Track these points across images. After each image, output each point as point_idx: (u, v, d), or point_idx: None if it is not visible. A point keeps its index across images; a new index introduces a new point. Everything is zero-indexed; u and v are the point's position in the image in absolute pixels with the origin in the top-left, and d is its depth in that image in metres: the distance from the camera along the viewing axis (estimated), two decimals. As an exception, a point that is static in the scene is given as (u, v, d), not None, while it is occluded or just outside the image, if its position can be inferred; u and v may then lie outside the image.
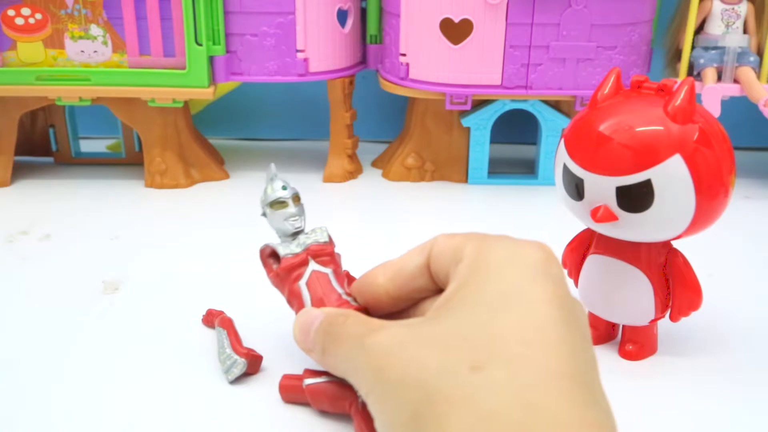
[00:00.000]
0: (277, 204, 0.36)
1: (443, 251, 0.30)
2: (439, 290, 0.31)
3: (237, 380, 0.37)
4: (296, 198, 0.37)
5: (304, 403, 0.34)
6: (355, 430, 0.32)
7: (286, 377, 0.35)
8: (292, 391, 0.35)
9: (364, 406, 0.32)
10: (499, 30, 0.60)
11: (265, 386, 0.36)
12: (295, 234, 0.37)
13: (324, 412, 0.34)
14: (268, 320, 0.41)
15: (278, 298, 0.36)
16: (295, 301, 0.36)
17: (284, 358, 0.38)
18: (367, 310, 0.34)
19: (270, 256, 0.37)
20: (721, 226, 0.37)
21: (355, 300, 0.35)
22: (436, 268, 0.31)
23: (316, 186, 0.66)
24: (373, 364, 0.26)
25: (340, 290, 0.35)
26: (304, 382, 0.34)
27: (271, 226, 0.37)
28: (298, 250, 0.36)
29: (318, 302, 0.35)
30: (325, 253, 0.36)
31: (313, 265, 0.36)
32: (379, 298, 0.33)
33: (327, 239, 0.37)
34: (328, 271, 0.36)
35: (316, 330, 0.31)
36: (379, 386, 0.26)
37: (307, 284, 0.35)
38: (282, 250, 0.36)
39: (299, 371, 0.35)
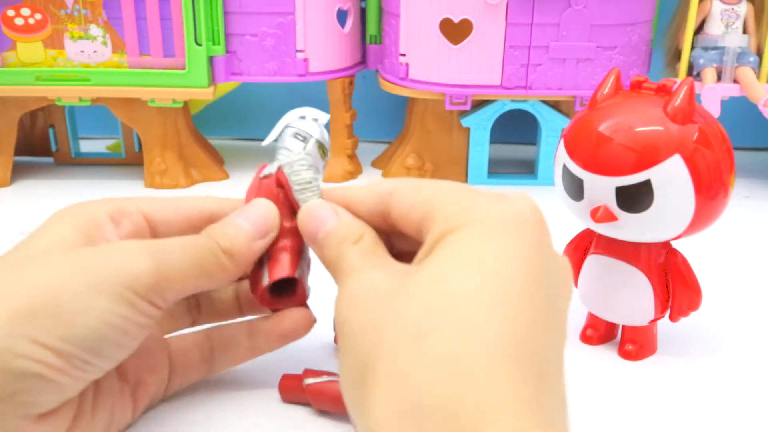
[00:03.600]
0: (322, 149, 0.34)
1: (412, 206, 0.28)
2: (394, 230, 0.29)
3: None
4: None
5: (304, 403, 0.34)
6: (354, 430, 0.32)
7: (286, 377, 0.35)
8: (292, 391, 0.35)
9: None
10: (498, 30, 0.60)
11: (266, 386, 0.36)
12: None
13: (324, 412, 0.34)
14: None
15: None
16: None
17: (284, 358, 0.38)
18: None
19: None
20: (721, 226, 0.37)
21: None
22: (402, 221, 0.28)
23: (316, 186, 0.66)
24: (339, 310, 0.26)
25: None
26: (305, 382, 0.34)
27: (284, 144, 0.34)
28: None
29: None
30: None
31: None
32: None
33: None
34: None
35: (324, 241, 0.29)
36: (340, 335, 0.26)
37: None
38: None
39: (299, 371, 0.35)
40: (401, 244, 0.31)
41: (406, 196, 0.28)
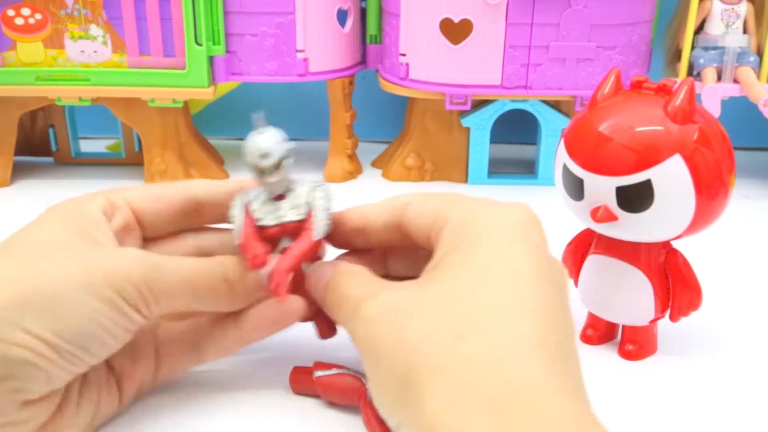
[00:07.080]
0: (256, 170, 0.32)
1: (421, 215, 0.31)
2: (413, 245, 0.32)
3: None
4: (278, 164, 0.32)
5: (313, 395, 0.35)
6: (363, 421, 0.33)
7: (296, 369, 0.35)
8: (302, 383, 0.35)
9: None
10: (498, 30, 0.60)
11: (276, 378, 0.36)
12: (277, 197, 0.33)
13: (333, 404, 0.34)
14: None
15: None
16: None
17: (294, 350, 0.38)
18: None
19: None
20: (721, 226, 0.37)
21: None
22: (414, 230, 0.31)
23: (316, 186, 0.66)
24: (367, 331, 0.27)
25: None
26: (314, 375, 0.34)
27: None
28: (273, 222, 0.33)
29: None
30: (300, 230, 0.33)
31: (285, 242, 0.34)
32: (351, 243, 0.35)
33: (304, 215, 0.33)
34: None
35: (324, 287, 0.32)
36: (372, 353, 0.27)
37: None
38: (257, 214, 0.33)
39: (309, 364, 0.35)
40: (397, 267, 0.35)
41: (417, 207, 0.31)
